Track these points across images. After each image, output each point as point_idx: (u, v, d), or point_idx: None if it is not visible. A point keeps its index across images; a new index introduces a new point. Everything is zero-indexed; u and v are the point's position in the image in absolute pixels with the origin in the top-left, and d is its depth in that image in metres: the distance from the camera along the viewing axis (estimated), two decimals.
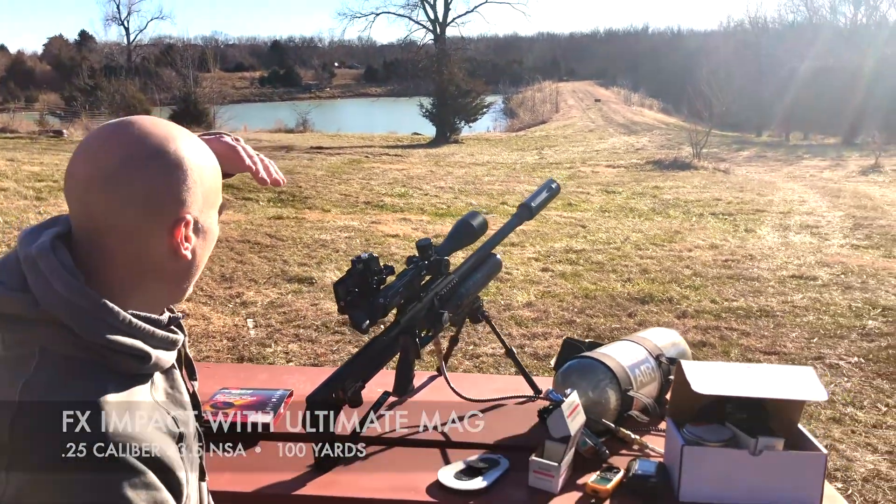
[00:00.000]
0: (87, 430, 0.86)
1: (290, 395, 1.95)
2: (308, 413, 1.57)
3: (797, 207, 12.00)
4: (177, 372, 1.09)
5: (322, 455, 1.60)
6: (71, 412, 0.87)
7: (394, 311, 1.73)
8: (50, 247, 0.94)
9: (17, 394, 0.88)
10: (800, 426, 1.59)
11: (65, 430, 0.86)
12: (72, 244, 0.97)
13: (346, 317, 1.64)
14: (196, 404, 1.14)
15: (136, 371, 0.96)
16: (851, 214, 11.19)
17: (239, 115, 40.15)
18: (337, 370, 1.66)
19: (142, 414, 0.93)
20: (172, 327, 1.05)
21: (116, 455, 0.86)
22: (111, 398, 0.90)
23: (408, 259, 1.79)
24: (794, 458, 1.50)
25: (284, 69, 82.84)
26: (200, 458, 1.14)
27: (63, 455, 0.85)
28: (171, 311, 1.09)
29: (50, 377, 0.91)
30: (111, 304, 0.94)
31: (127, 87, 39.14)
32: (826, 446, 3.63)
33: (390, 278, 1.70)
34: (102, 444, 0.86)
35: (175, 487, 0.93)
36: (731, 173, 18.32)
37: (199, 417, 1.15)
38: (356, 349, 4.95)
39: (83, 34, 75.05)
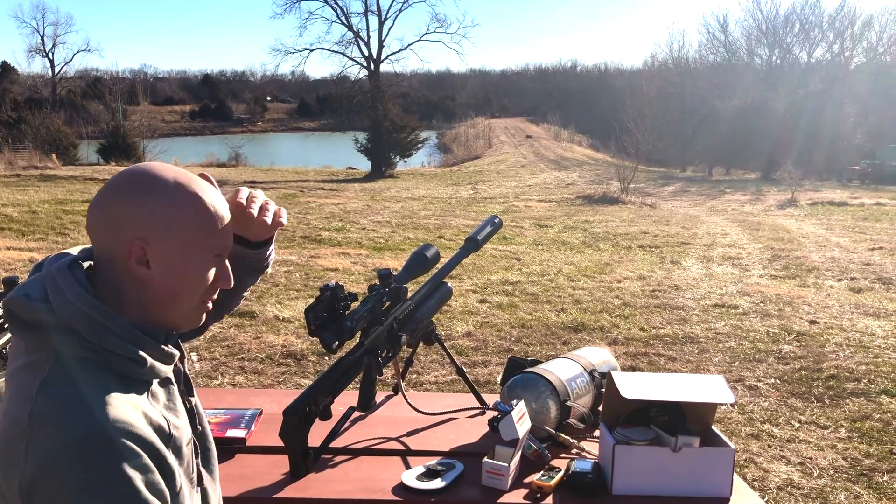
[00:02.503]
0: (92, 418, 1.04)
1: (260, 413, 2.13)
2: (284, 424, 1.75)
3: (720, 240, 12.59)
4: (174, 387, 1.27)
5: (296, 463, 1.77)
6: (78, 403, 1.05)
7: (358, 334, 1.92)
8: (67, 265, 1.15)
9: (35, 389, 1.07)
10: (713, 427, 1.85)
11: (73, 419, 1.04)
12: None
13: (317, 339, 1.82)
14: (193, 418, 1.32)
15: (134, 374, 1.14)
16: (770, 247, 11.82)
17: (170, 149, 39.62)
18: (309, 386, 1.84)
19: (137, 408, 1.10)
20: (170, 344, 1.23)
21: (116, 439, 1.04)
22: (112, 392, 1.09)
23: (370, 287, 1.99)
24: (708, 454, 1.75)
25: (216, 103, 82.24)
26: (197, 466, 1.31)
27: (71, 439, 1.02)
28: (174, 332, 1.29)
29: (62, 375, 1.09)
30: (113, 313, 1.13)
31: (52, 120, 38.23)
32: (745, 460, 3.94)
33: (354, 304, 1.90)
34: (104, 430, 1.04)
35: (168, 474, 1.10)
36: (657, 207, 19.04)
37: (196, 429, 1.33)
38: (303, 379, 5.09)
39: (4, 65, 73.18)
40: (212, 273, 1.21)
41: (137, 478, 1.04)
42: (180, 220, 1.17)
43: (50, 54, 70.92)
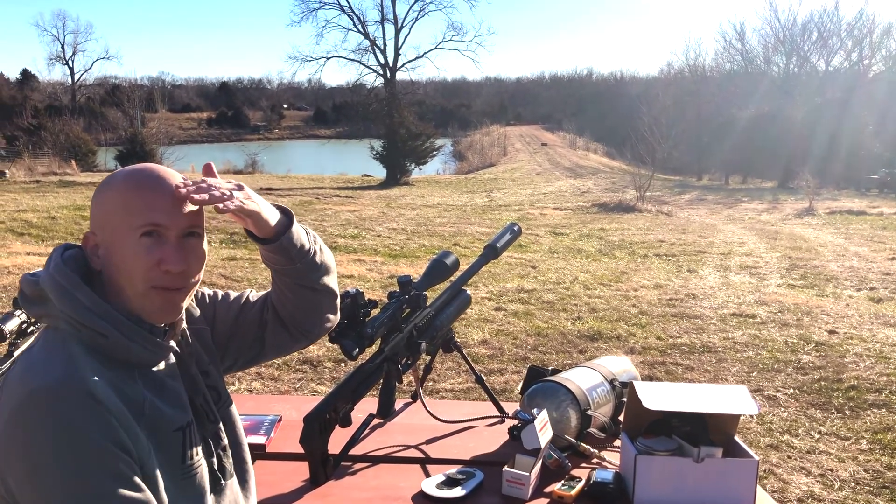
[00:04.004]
0: (50, 376, 1.11)
1: (280, 419, 2.13)
2: (305, 430, 1.75)
3: (737, 249, 12.51)
4: (171, 377, 1.29)
5: (316, 470, 1.77)
6: (44, 365, 1.14)
7: (377, 341, 1.92)
8: (64, 246, 1.26)
9: (19, 355, 1.23)
10: (735, 437, 1.83)
11: (33, 378, 1.12)
12: None
13: (337, 345, 1.81)
14: (201, 415, 1.33)
15: (103, 349, 1.18)
16: (788, 256, 11.73)
17: (187, 156, 39.81)
18: (329, 393, 1.84)
19: (104, 376, 1.15)
20: (167, 338, 1.28)
21: (69, 393, 1.10)
22: (79, 359, 1.15)
23: (389, 293, 1.99)
24: (730, 465, 1.73)
25: (232, 110, 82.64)
26: (212, 465, 1.32)
27: (28, 394, 1.10)
28: (167, 328, 1.30)
29: (42, 343, 1.19)
30: (85, 287, 1.20)
31: (71, 127, 38.54)
32: (764, 471, 3.90)
33: (374, 311, 1.89)
34: (60, 385, 1.10)
35: (136, 441, 1.14)
36: (673, 216, 18.96)
37: (205, 428, 1.33)
38: (319, 386, 5.08)
39: (25, 73, 73.90)
40: (146, 253, 1.20)
41: (93, 427, 1.09)
42: (105, 204, 1.23)
43: (70, 62, 71.63)
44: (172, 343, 1.29)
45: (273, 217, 1.33)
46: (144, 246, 1.19)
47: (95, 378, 1.13)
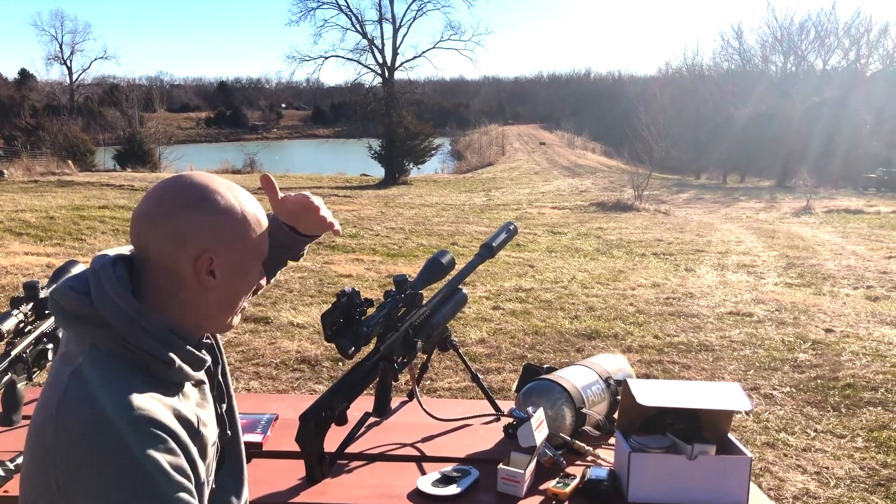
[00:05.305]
0: (113, 408, 1.08)
1: (276, 418, 2.14)
2: (301, 428, 1.76)
3: (734, 248, 12.53)
4: (207, 388, 1.30)
5: (312, 468, 1.78)
6: (102, 395, 1.09)
7: (374, 340, 1.93)
8: (111, 262, 1.19)
9: (67, 378, 1.12)
10: (729, 435, 1.84)
11: (95, 409, 1.07)
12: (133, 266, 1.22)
13: (334, 345, 1.83)
14: (222, 423, 1.34)
15: (163, 375, 1.17)
16: (785, 254, 11.75)
17: (185, 156, 39.84)
18: (325, 392, 1.85)
19: (162, 402, 1.13)
20: (203, 349, 1.27)
21: (136, 426, 1.07)
22: (137, 386, 1.12)
23: (386, 292, 2.00)
24: (724, 462, 1.75)
25: (231, 110, 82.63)
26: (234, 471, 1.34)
27: (92, 429, 1.06)
28: (208, 338, 1.31)
29: (93, 367, 1.13)
30: (147, 313, 1.17)
31: (70, 126, 38.52)
32: (760, 469, 3.92)
33: (370, 310, 1.90)
34: (124, 418, 1.07)
35: (192, 466, 1.13)
36: (671, 215, 18.98)
37: (224, 435, 1.35)
38: (317, 385, 5.09)
39: (23, 73, 73.82)
40: (258, 278, 1.30)
41: (162, 460, 1.07)
42: (242, 233, 1.23)
43: (68, 62, 71.66)
44: (207, 356, 1.29)
45: None
46: (258, 272, 1.30)
47: (155, 406, 1.11)
